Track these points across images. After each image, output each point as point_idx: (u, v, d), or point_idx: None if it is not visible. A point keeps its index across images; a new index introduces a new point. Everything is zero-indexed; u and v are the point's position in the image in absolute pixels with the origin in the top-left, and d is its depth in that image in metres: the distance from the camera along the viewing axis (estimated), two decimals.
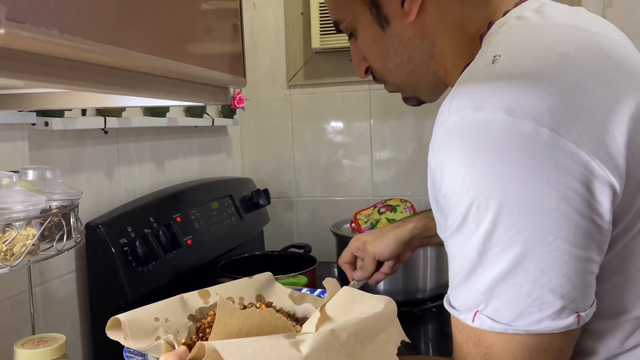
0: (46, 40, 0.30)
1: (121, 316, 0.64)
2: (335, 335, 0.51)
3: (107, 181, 1.13)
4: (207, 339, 0.57)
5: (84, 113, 1.05)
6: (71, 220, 0.76)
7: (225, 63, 0.56)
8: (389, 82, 0.79)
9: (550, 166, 0.50)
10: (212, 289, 0.76)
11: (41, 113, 0.91)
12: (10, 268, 0.64)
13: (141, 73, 0.43)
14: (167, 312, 0.68)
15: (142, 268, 1.02)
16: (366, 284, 1.03)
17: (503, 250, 0.51)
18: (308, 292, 0.79)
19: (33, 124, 0.91)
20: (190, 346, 0.57)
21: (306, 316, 0.75)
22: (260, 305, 0.74)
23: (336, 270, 1.39)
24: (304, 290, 0.80)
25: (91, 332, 1.05)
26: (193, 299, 0.73)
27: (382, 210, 1.37)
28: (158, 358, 0.60)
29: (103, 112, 1.08)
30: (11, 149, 0.89)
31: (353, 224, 1.41)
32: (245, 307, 0.74)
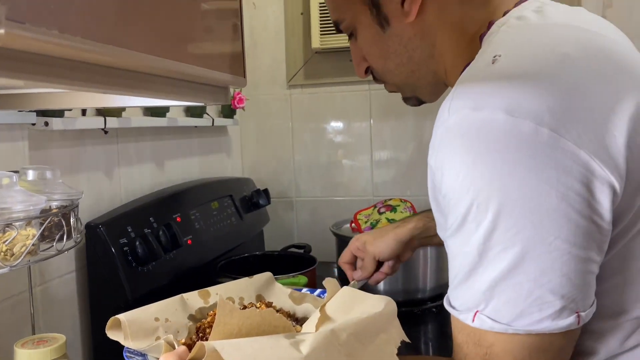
0: (46, 40, 0.30)
1: (121, 316, 0.64)
2: (335, 335, 0.51)
3: (107, 181, 1.13)
4: (207, 339, 0.57)
5: (84, 113, 1.05)
6: (71, 220, 0.76)
7: (225, 63, 0.56)
8: (389, 82, 0.79)
9: (550, 166, 0.50)
10: (212, 289, 0.76)
11: (41, 113, 0.91)
12: (10, 268, 0.64)
13: (141, 73, 0.43)
14: (167, 312, 0.68)
15: (142, 268, 1.02)
16: (366, 284, 1.03)
17: (503, 250, 0.51)
18: (308, 292, 0.79)
19: (33, 124, 0.91)
20: (190, 346, 0.57)
21: (306, 316, 0.75)
22: (260, 305, 0.74)
23: (336, 270, 1.39)
24: (304, 290, 0.80)
25: (91, 332, 1.05)
26: (193, 299, 0.73)
27: (382, 210, 1.37)
28: (158, 358, 0.60)
29: (103, 112, 1.08)
30: (11, 149, 0.89)
31: (353, 224, 1.41)
32: (245, 307, 0.74)
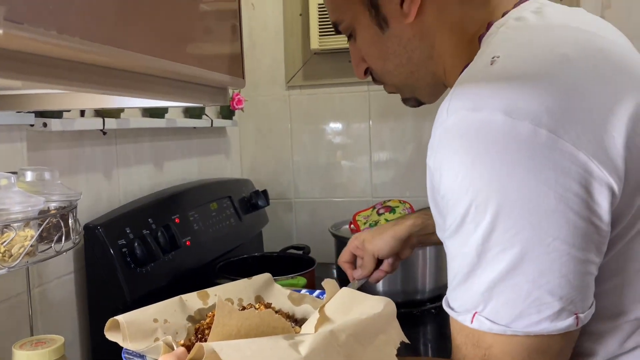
0: (45, 40, 0.30)
1: (120, 317, 0.63)
2: (334, 336, 0.50)
3: (106, 182, 1.13)
4: (206, 340, 0.57)
5: (83, 114, 1.05)
6: (70, 221, 0.75)
7: (224, 64, 0.56)
8: (388, 83, 0.79)
9: (548, 167, 0.50)
10: (211, 290, 0.76)
11: (40, 114, 0.91)
12: (8, 269, 0.64)
13: (140, 74, 0.43)
14: (166, 313, 0.68)
15: (141, 269, 1.02)
16: (366, 283, 1.03)
17: (502, 251, 0.51)
18: (307, 293, 0.79)
19: (31, 125, 0.91)
20: (189, 347, 0.57)
21: (305, 317, 0.75)
22: (259, 306, 0.74)
23: (335, 271, 1.39)
24: (303, 291, 0.80)
25: (90, 334, 1.05)
26: (192, 300, 0.73)
27: (381, 211, 1.37)
28: (157, 359, 0.60)
29: (102, 113, 1.08)
30: (10, 150, 0.89)
31: (352, 225, 1.41)
32: (244, 308, 0.74)
